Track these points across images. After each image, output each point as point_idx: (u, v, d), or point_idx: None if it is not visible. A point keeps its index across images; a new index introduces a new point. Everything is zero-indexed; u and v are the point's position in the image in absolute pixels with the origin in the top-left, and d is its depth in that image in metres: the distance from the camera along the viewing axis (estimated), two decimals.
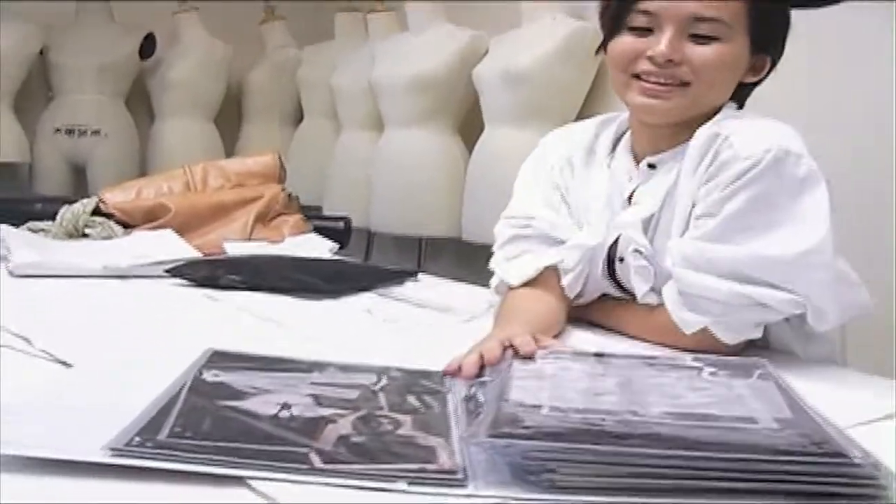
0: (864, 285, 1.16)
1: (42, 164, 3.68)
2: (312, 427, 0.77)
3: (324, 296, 1.44)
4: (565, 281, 1.23)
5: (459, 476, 0.69)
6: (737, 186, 1.08)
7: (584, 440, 0.70)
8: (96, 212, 1.88)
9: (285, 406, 0.81)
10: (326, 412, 0.81)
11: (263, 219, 1.95)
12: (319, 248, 1.88)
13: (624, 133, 1.27)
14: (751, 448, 0.69)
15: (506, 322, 1.13)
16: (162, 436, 0.72)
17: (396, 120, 3.08)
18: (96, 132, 3.66)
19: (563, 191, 1.28)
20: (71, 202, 1.90)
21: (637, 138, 1.24)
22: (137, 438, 0.70)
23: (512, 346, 0.96)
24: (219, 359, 0.95)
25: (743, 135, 1.10)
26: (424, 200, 2.86)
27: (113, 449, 0.68)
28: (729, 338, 1.10)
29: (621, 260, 1.21)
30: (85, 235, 1.84)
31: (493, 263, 1.31)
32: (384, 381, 0.92)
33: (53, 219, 1.85)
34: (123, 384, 0.89)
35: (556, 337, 1.14)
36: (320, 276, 1.54)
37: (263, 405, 0.81)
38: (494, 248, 1.32)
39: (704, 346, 1.09)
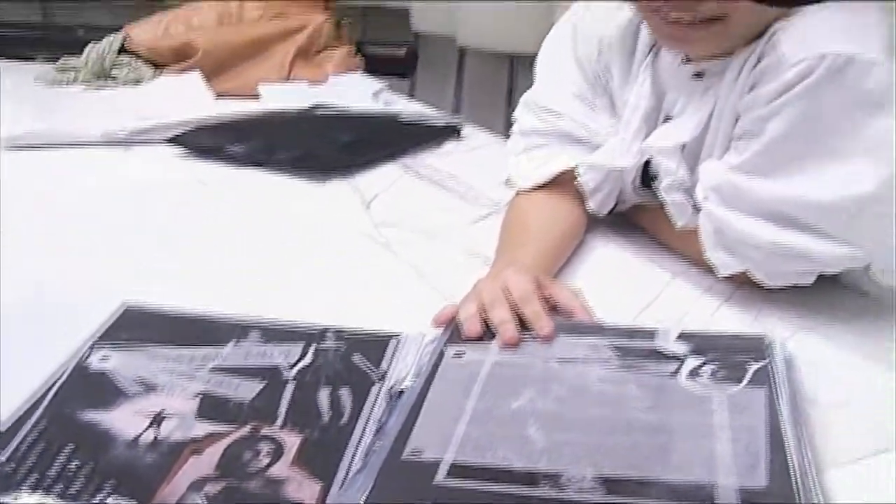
0: None
1: None
2: (169, 463, 0.64)
3: (335, 173, 1.28)
4: (591, 204, 1.04)
5: None
6: (781, 102, 0.82)
7: None
8: (124, 49, 1.75)
9: (157, 419, 0.69)
10: (201, 431, 0.68)
11: (306, 54, 1.78)
12: (362, 89, 1.71)
13: None
14: None
15: (508, 250, 0.96)
16: None
17: None
18: None
19: (604, 81, 1.04)
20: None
21: None
22: None
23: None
24: (126, 322, 0.83)
25: (794, 33, 0.82)
26: (517, 12, 2.54)
27: None
28: (772, 283, 0.90)
29: (654, 178, 1.00)
30: (112, 78, 1.72)
31: (510, 148, 1.11)
32: (307, 359, 0.78)
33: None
34: (26, 345, 0.79)
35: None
36: (341, 143, 1.39)
37: (132, 418, 0.69)
38: (514, 130, 1.12)
39: (746, 280, 0.91)
